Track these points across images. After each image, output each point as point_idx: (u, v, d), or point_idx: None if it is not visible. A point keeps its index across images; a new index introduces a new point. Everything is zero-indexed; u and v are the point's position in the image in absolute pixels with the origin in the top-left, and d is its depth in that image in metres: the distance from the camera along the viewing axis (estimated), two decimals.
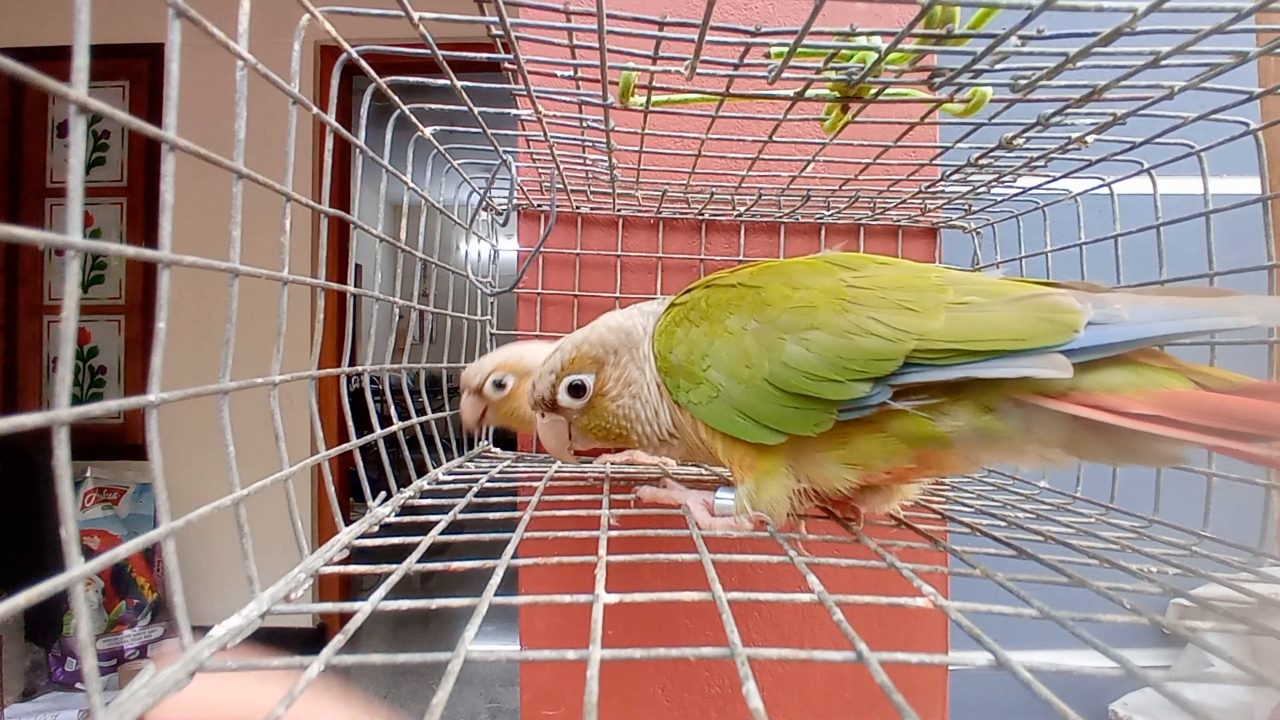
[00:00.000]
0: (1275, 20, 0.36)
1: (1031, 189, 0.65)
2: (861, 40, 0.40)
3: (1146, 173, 0.55)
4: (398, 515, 0.43)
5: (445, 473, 0.55)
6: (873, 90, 0.43)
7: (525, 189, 0.74)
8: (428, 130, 0.52)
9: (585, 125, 0.55)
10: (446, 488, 0.50)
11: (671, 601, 0.28)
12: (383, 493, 0.43)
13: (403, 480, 0.47)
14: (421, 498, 0.46)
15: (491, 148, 0.59)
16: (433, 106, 0.50)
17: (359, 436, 0.42)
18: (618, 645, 0.25)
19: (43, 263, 2.99)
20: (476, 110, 0.50)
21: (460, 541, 0.39)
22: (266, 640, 0.28)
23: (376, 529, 0.39)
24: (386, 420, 0.48)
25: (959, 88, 0.44)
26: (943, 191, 0.69)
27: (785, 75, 0.41)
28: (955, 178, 0.63)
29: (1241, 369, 0.34)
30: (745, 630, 0.74)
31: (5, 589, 0.26)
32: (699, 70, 0.40)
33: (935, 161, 0.65)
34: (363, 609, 0.27)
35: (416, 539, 0.35)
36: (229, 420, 0.29)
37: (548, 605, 0.46)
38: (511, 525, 0.39)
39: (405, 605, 0.28)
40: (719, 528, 0.41)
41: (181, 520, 0.24)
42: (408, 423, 0.51)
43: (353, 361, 0.46)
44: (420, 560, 0.33)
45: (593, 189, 0.73)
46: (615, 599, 0.28)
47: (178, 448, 1.96)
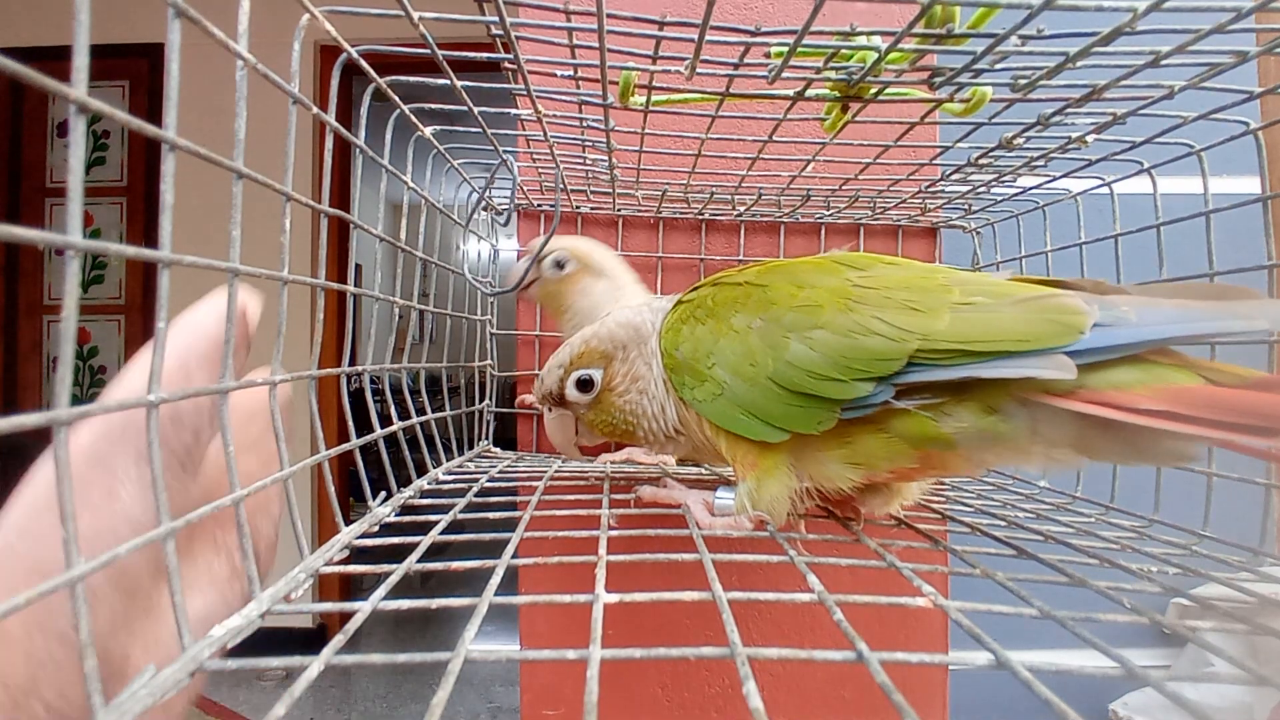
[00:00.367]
0: (1275, 20, 0.36)
1: (1031, 189, 0.65)
2: (861, 40, 0.40)
3: (1146, 172, 0.55)
4: (398, 515, 0.43)
5: (445, 472, 0.55)
6: (873, 90, 0.43)
7: (525, 189, 0.74)
8: (427, 130, 0.52)
9: (585, 125, 0.55)
10: (446, 487, 0.50)
11: (671, 601, 0.28)
12: (383, 492, 0.43)
13: (403, 480, 0.46)
14: (421, 497, 0.46)
15: (491, 148, 0.59)
16: (433, 106, 0.50)
17: (359, 436, 0.42)
18: (618, 645, 0.25)
19: (43, 262, 3.00)
20: (476, 110, 0.50)
21: (460, 541, 0.39)
22: (267, 640, 0.28)
23: (376, 529, 0.39)
24: (386, 420, 0.48)
25: (959, 87, 0.44)
26: (943, 191, 0.69)
27: (785, 75, 0.41)
28: (955, 177, 0.63)
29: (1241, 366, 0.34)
30: (745, 630, 0.74)
31: None
32: (699, 70, 0.40)
33: (935, 161, 0.65)
34: (363, 609, 0.27)
35: (416, 539, 0.35)
36: (229, 420, 0.29)
37: (548, 605, 0.45)
38: (511, 525, 0.39)
39: (405, 605, 0.28)
40: (719, 527, 0.41)
41: (181, 520, 0.24)
42: (408, 423, 0.51)
43: (353, 361, 0.46)
44: (420, 560, 0.33)
45: (593, 189, 0.73)
46: (615, 599, 0.28)
47: None
